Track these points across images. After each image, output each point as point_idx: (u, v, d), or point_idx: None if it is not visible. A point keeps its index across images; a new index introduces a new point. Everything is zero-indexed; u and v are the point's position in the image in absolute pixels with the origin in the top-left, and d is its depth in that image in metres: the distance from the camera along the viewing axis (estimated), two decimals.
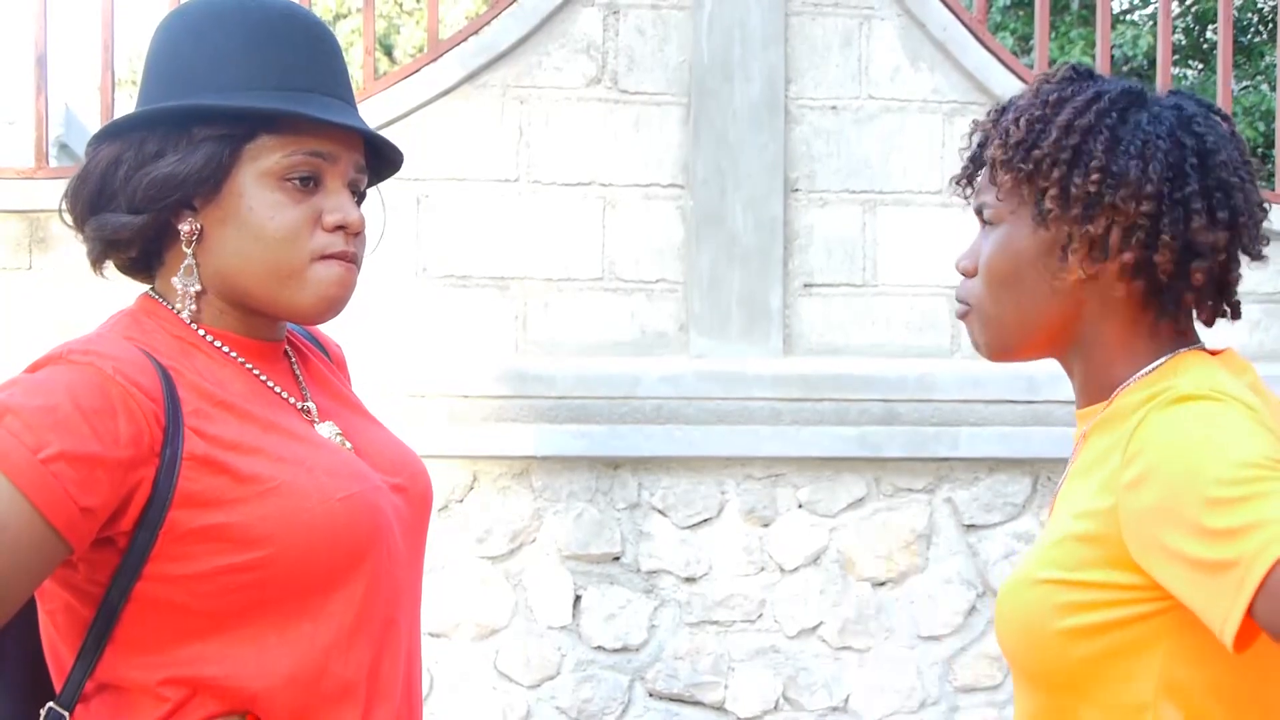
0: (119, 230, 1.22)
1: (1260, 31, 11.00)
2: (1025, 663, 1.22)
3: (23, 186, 3.51)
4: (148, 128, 1.22)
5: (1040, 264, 1.24)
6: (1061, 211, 1.21)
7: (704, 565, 3.56)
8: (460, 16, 13.38)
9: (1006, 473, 3.63)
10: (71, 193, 1.26)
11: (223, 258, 1.23)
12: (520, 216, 3.61)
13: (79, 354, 1.15)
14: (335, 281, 1.25)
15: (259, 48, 1.23)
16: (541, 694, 3.53)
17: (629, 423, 3.49)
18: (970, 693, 3.64)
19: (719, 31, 3.61)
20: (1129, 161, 1.19)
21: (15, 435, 1.08)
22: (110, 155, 1.23)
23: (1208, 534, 1.04)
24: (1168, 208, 1.18)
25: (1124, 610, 1.14)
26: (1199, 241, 1.19)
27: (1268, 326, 3.77)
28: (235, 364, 1.25)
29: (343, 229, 1.24)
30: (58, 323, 3.42)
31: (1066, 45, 9.47)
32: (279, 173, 1.22)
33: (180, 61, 1.24)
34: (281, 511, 1.17)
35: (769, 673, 3.58)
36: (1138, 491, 1.10)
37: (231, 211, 1.22)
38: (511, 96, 3.62)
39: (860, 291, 3.69)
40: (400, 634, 1.27)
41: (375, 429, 1.37)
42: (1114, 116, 1.22)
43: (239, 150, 1.22)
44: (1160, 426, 1.12)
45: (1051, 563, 1.19)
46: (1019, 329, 1.28)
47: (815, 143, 3.68)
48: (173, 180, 1.20)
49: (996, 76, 3.69)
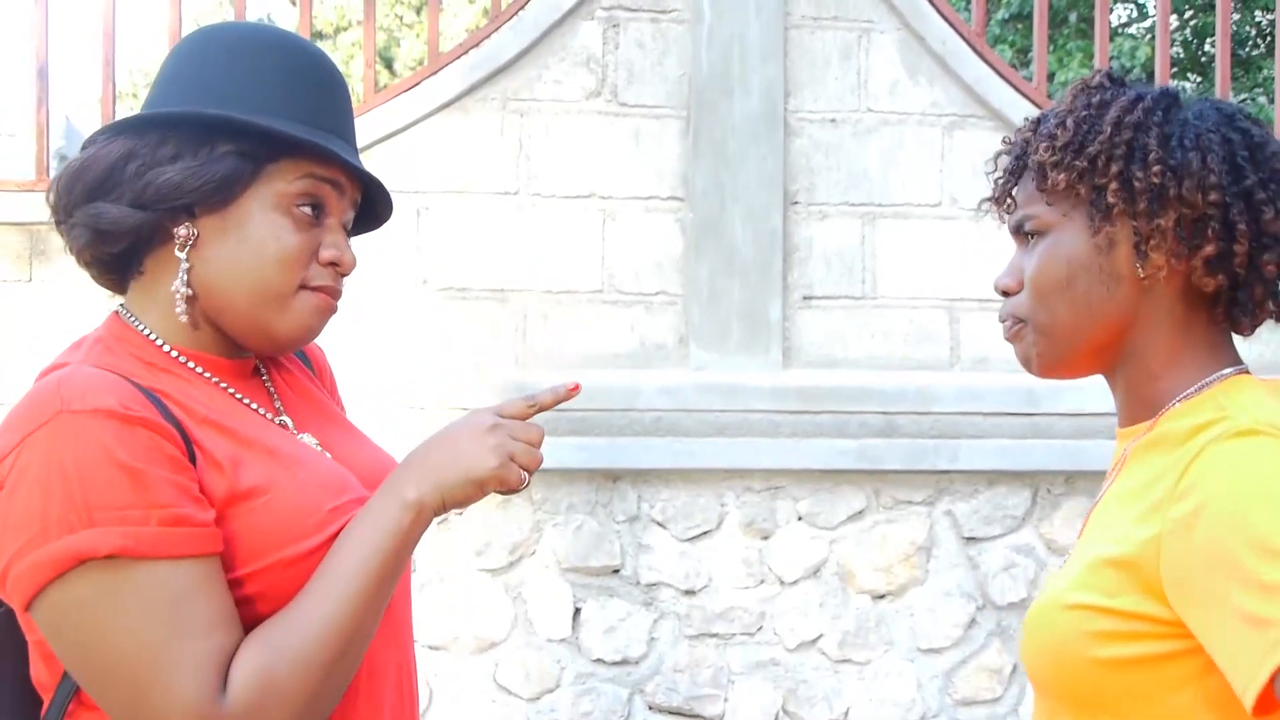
0: (116, 222, 1.22)
1: (1258, 44, 11.02)
2: (1055, 687, 1.19)
3: (23, 199, 3.52)
4: (168, 129, 1.22)
5: (1095, 266, 1.21)
6: (1126, 206, 1.19)
7: (703, 578, 3.56)
8: (460, 30, 13.41)
9: (1006, 485, 3.63)
10: (68, 177, 1.24)
11: (214, 268, 1.23)
12: (520, 229, 3.61)
13: (79, 404, 1.12)
14: (316, 311, 1.27)
15: (291, 81, 1.25)
16: (541, 707, 3.52)
17: (628, 435, 3.49)
18: (970, 705, 3.63)
19: (718, 45, 3.62)
20: (1187, 154, 1.18)
21: (120, 524, 1.09)
22: (123, 149, 1.22)
23: (1261, 586, 1.01)
24: (1232, 199, 1.17)
25: (1156, 645, 1.11)
26: (1269, 232, 1.17)
27: (1267, 340, 3.78)
28: (209, 383, 1.25)
29: (335, 266, 1.27)
30: (58, 334, 3.42)
31: (1065, 58, 9.49)
32: (291, 197, 1.24)
33: (210, 75, 1.24)
34: (274, 524, 1.17)
35: (769, 685, 3.58)
36: (1190, 528, 1.07)
37: (234, 225, 1.23)
38: (511, 109, 3.63)
39: (859, 304, 3.69)
40: (392, 646, 1.28)
41: (354, 438, 1.37)
42: (1160, 114, 1.21)
43: (259, 170, 1.23)
44: (1220, 463, 1.08)
45: (1084, 586, 1.15)
46: (1073, 337, 1.24)
47: (814, 156, 3.69)
48: (188, 186, 1.20)
49: (995, 89, 3.70)
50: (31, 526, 1.09)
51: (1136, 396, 1.24)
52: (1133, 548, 1.12)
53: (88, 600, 1.08)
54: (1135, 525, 1.13)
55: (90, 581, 1.08)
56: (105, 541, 1.08)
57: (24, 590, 1.10)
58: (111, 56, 3.61)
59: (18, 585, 1.10)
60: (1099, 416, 3.57)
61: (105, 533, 1.08)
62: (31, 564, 1.09)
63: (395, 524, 1.17)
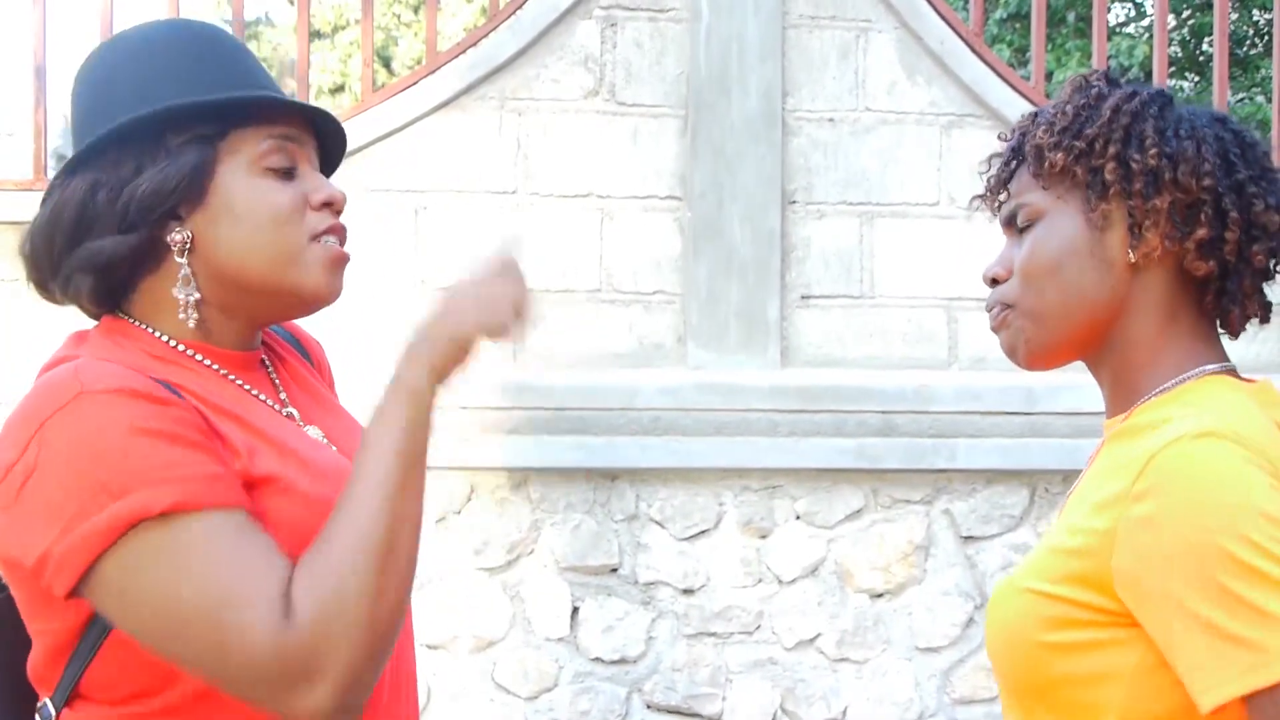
0: (114, 252, 1.20)
1: (1256, 44, 11.03)
2: (1006, 669, 1.22)
3: (21, 198, 3.51)
4: (116, 149, 1.21)
5: (1087, 251, 1.23)
6: (1123, 185, 1.21)
7: (702, 577, 3.56)
8: (458, 29, 13.41)
9: (1004, 484, 3.63)
10: (42, 232, 1.22)
11: (221, 257, 1.23)
12: (518, 228, 3.61)
13: (98, 386, 1.12)
14: (331, 263, 1.27)
15: (200, 57, 1.25)
16: (539, 706, 3.52)
17: (626, 434, 3.49)
18: (968, 705, 3.64)
19: (716, 44, 3.62)
20: (1183, 141, 1.21)
21: (168, 483, 1.09)
22: (83, 185, 1.21)
23: (1229, 597, 1.03)
24: (1225, 189, 1.20)
25: (1099, 633, 1.13)
26: (1259, 223, 1.20)
27: (1265, 339, 3.78)
28: (218, 375, 1.25)
29: (329, 205, 1.27)
30: (56, 334, 3.42)
31: (1064, 57, 9.49)
32: (258, 160, 1.24)
33: (124, 83, 1.23)
34: (288, 511, 1.18)
35: (767, 684, 3.58)
36: (1144, 531, 1.09)
37: (221, 210, 1.23)
38: (509, 109, 3.63)
39: (858, 303, 3.69)
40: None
41: (354, 432, 1.38)
42: (1155, 109, 1.24)
43: (217, 148, 1.22)
44: (1176, 466, 1.09)
45: (1038, 572, 1.18)
46: (1062, 322, 1.25)
47: (813, 155, 3.69)
48: (163, 191, 1.20)
49: (993, 89, 3.70)
50: (68, 506, 1.08)
51: (1120, 387, 1.27)
52: (1087, 539, 1.14)
53: (148, 561, 1.08)
54: (1091, 516, 1.15)
55: (147, 542, 1.08)
56: (158, 499, 1.08)
57: (73, 568, 1.08)
58: None
59: (63, 567, 1.09)
60: (1097, 416, 3.55)
61: (156, 492, 1.08)
62: (79, 539, 1.08)
63: (400, 417, 1.18)
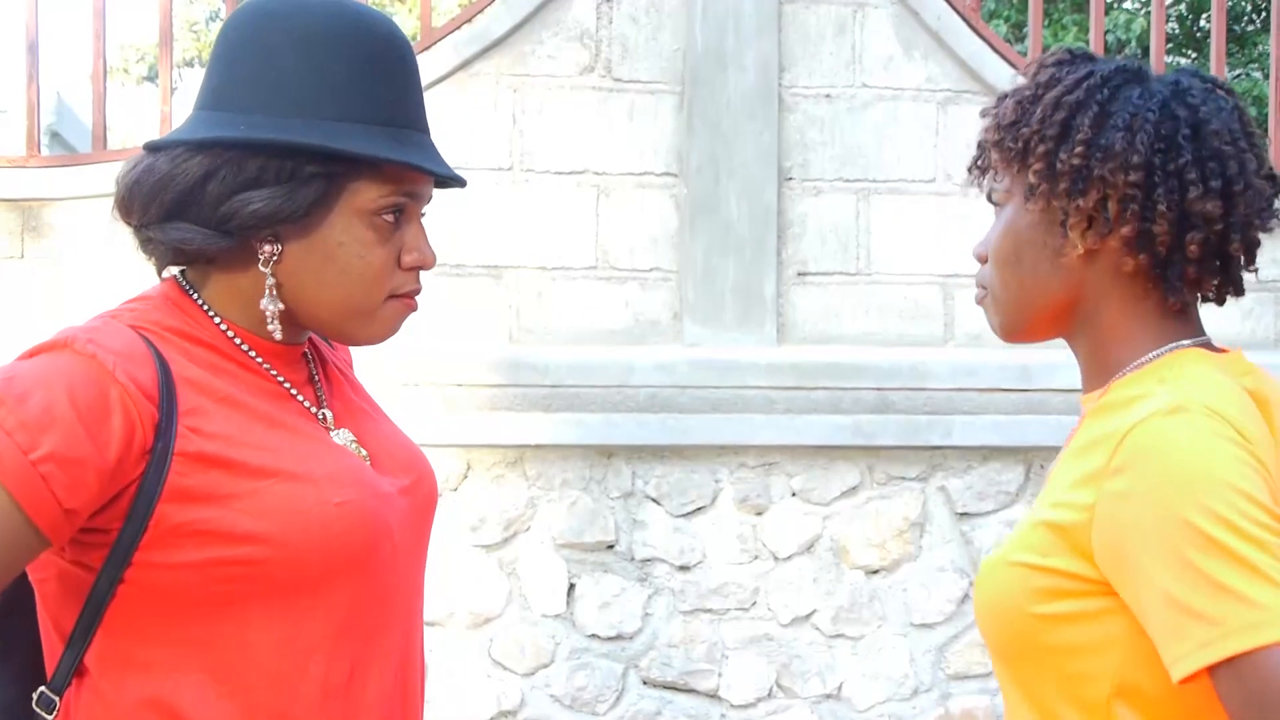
0: (200, 248, 1.20)
1: (1254, 20, 11.00)
2: (998, 641, 1.23)
3: (14, 175, 3.50)
4: (247, 148, 1.19)
5: (1039, 242, 1.24)
6: (1049, 187, 1.22)
7: (698, 553, 3.57)
8: (453, 4, 13.35)
9: (1000, 461, 3.64)
10: (148, 192, 1.21)
11: (300, 282, 1.22)
12: (514, 205, 3.60)
13: (83, 343, 1.14)
14: (399, 316, 1.28)
15: (365, 77, 1.21)
16: (536, 682, 3.54)
17: (623, 411, 3.49)
18: (963, 680, 3.65)
19: (713, 20, 3.61)
20: (1115, 134, 1.20)
21: (8, 434, 1.09)
22: (204, 168, 1.18)
23: (1191, 570, 1.04)
24: (1160, 179, 1.18)
25: (1087, 602, 1.14)
26: (1194, 212, 1.18)
27: (1260, 315, 3.78)
28: (252, 362, 1.25)
29: (418, 267, 1.28)
30: (50, 311, 3.41)
31: (1060, 32, 9.47)
32: (373, 210, 1.22)
33: (280, 75, 1.20)
34: (275, 509, 1.17)
35: (762, 660, 3.59)
36: (1121, 506, 1.11)
37: (319, 242, 1.21)
38: (505, 85, 3.62)
39: (854, 280, 3.69)
40: (392, 640, 1.27)
41: (386, 429, 1.37)
42: (1105, 93, 1.22)
43: (342, 188, 1.21)
44: (1150, 442, 1.11)
45: (1024, 546, 1.20)
46: (1025, 308, 1.27)
47: (809, 131, 3.68)
48: (276, 217, 1.19)
49: (990, 65, 3.69)
50: None
51: (1094, 363, 1.28)
52: (1068, 513, 1.16)
53: None
54: (1071, 490, 1.17)
55: None
56: None
57: None
58: (103, 32, 3.59)
59: None
60: None
61: None
62: None
63: None
